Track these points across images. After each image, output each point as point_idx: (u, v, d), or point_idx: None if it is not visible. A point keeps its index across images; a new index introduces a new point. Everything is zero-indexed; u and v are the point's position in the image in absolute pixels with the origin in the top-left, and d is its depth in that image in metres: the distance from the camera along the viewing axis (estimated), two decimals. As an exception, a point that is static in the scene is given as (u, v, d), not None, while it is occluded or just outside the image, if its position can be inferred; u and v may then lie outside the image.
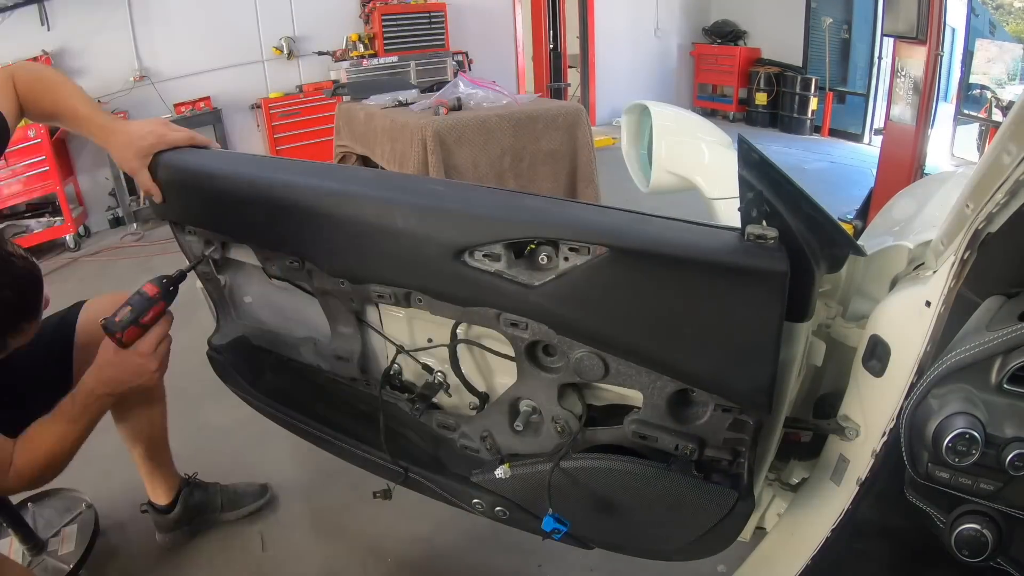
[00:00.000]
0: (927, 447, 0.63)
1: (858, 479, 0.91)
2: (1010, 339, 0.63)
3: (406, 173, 3.19)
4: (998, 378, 0.63)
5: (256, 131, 5.91)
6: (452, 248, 0.97)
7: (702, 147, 1.28)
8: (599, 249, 0.88)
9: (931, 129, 3.74)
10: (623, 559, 1.27)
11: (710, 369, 0.89)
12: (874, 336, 0.91)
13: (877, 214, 1.43)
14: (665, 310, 0.88)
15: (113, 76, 5.10)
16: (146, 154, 1.26)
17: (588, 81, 7.71)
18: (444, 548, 1.79)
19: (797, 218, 0.79)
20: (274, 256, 1.25)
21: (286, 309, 1.44)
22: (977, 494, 0.63)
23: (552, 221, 0.92)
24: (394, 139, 3.45)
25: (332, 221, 1.09)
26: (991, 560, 0.65)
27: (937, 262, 0.80)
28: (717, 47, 8.11)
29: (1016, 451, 0.59)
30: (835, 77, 7.13)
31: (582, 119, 3.48)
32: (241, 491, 1.95)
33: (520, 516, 1.20)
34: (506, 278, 0.95)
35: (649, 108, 1.33)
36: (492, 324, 1.04)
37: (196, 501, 1.85)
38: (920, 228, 1.06)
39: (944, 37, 3.70)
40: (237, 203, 1.20)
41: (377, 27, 5.98)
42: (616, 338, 0.94)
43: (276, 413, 1.45)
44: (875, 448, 0.87)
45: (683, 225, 0.87)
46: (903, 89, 3.67)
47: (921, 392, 0.66)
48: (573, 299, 0.93)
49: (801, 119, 7.26)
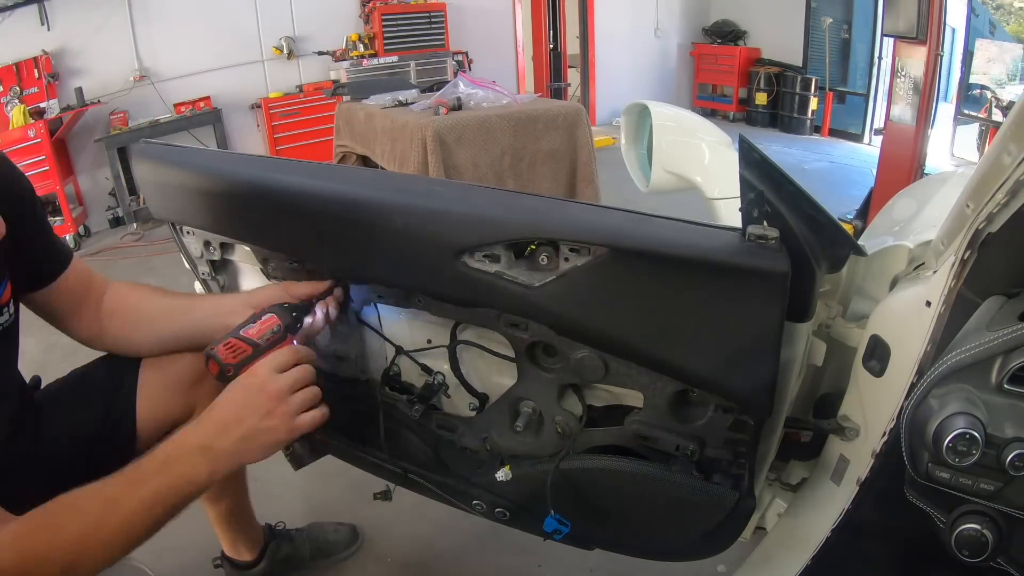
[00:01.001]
0: (927, 447, 0.63)
1: (858, 479, 0.91)
2: (1010, 339, 0.63)
3: (406, 173, 3.19)
4: (998, 378, 0.63)
5: (256, 131, 5.92)
6: (452, 249, 0.97)
7: (702, 147, 1.28)
8: (599, 249, 0.87)
9: (931, 129, 3.74)
10: (623, 559, 1.27)
11: (711, 369, 0.89)
12: (874, 336, 0.91)
13: (877, 214, 1.43)
14: (666, 310, 0.88)
15: (113, 76, 5.10)
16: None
17: (588, 81, 7.71)
18: (444, 549, 1.79)
19: (798, 218, 0.79)
20: (273, 257, 1.25)
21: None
22: (977, 494, 0.63)
23: (552, 221, 0.92)
24: (394, 139, 3.45)
25: (331, 221, 1.09)
26: (991, 560, 0.65)
27: (937, 262, 0.80)
28: (717, 47, 8.11)
29: (1016, 451, 0.59)
30: (835, 77, 7.13)
31: (582, 119, 3.49)
32: (331, 537, 1.77)
33: (521, 517, 1.20)
34: (506, 279, 0.95)
35: (649, 108, 1.33)
36: (492, 325, 1.04)
37: (284, 555, 1.66)
38: (920, 228, 1.06)
39: (944, 37, 3.71)
40: (236, 204, 1.20)
41: (377, 27, 5.98)
42: (617, 338, 0.94)
43: None
44: (875, 448, 0.87)
45: (684, 225, 0.87)
46: (903, 89, 3.67)
47: (921, 392, 0.66)
48: (573, 300, 0.93)
49: (801, 119, 7.26)
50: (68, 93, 4.87)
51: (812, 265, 0.82)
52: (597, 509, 1.12)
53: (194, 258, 1.40)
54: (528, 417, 1.10)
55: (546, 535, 1.12)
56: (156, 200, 1.34)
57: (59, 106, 4.79)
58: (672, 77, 8.41)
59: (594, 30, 7.58)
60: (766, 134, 7.28)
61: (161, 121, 5.17)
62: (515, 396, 1.12)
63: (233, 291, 1.47)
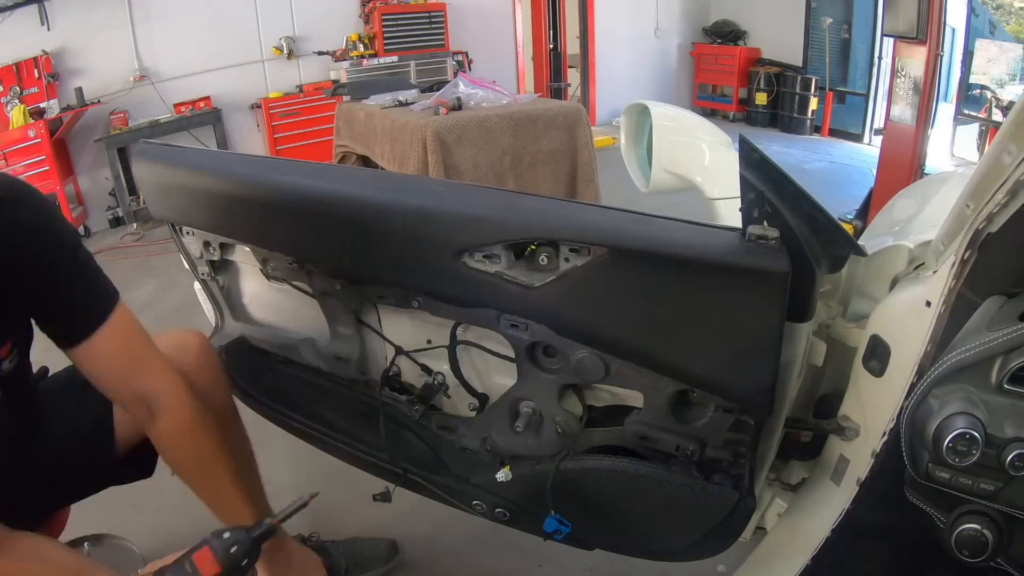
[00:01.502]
0: (927, 447, 0.63)
1: (858, 479, 0.91)
2: (1010, 339, 0.63)
3: (406, 173, 3.19)
4: (998, 378, 0.63)
5: (256, 131, 5.92)
6: (452, 249, 0.97)
7: (702, 147, 1.28)
8: (599, 250, 0.88)
9: (931, 129, 3.74)
10: (622, 559, 1.27)
11: (711, 369, 0.89)
12: (874, 336, 0.91)
13: (877, 214, 1.43)
14: (666, 310, 0.88)
15: (113, 76, 5.10)
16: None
17: (588, 81, 7.71)
18: (443, 548, 1.79)
19: (798, 218, 0.79)
20: (273, 257, 1.25)
21: (285, 310, 1.44)
22: (977, 494, 0.63)
23: (552, 222, 0.93)
24: (394, 139, 3.45)
25: (332, 222, 1.09)
26: (991, 560, 0.65)
27: (937, 262, 0.80)
28: (717, 47, 8.11)
29: (1016, 451, 0.59)
30: (835, 77, 7.13)
31: (582, 119, 3.49)
32: (368, 552, 1.68)
33: (521, 517, 1.20)
34: (506, 279, 0.95)
35: (649, 108, 1.33)
36: (492, 325, 1.04)
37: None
38: (920, 228, 1.06)
39: (944, 37, 3.71)
40: (236, 204, 1.20)
41: (377, 27, 5.98)
42: (617, 339, 0.94)
43: (275, 414, 1.45)
44: (875, 448, 0.87)
45: (684, 225, 0.87)
46: (903, 89, 3.67)
47: (922, 392, 0.66)
48: (574, 300, 0.93)
49: (801, 119, 7.26)
50: (68, 93, 4.87)
51: (812, 265, 0.82)
52: (598, 509, 1.12)
53: (194, 258, 1.40)
54: (528, 417, 1.10)
55: (547, 535, 1.12)
56: (156, 200, 1.34)
57: (59, 106, 4.79)
58: (672, 77, 8.41)
59: (594, 30, 7.58)
60: (766, 134, 7.28)
61: (161, 121, 5.17)
62: (515, 396, 1.12)
63: (231, 292, 1.46)
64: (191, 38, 5.40)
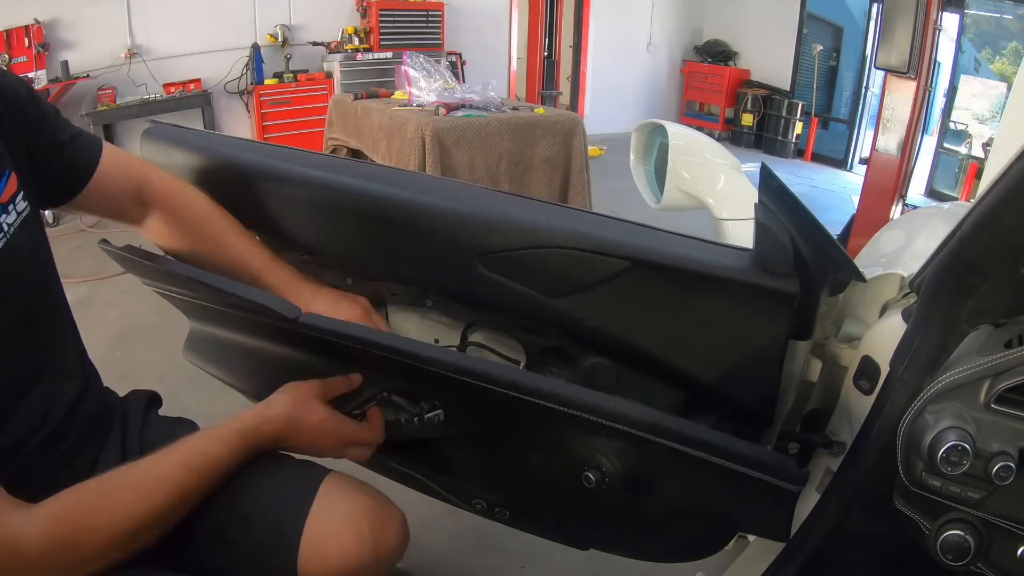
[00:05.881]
0: (923, 456, 0.69)
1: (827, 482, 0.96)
2: (997, 364, 0.70)
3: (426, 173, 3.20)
4: (986, 398, 0.69)
5: (245, 116, 5.87)
6: (476, 252, 0.99)
7: (714, 169, 1.34)
8: (622, 262, 0.92)
9: (915, 161, 3.88)
10: (605, 562, 1.29)
11: (718, 380, 0.94)
12: (866, 357, 0.96)
13: (865, 246, 1.49)
14: (682, 322, 0.93)
15: (104, 50, 5.03)
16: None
17: (579, 91, 7.78)
18: (427, 548, 1.79)
19: (808, 243, 0.84)
20: (284, 248, 1.24)
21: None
22: (964, 502, 0.70)
23: (583, 233, 0.95)
24: (391, 136, 3.46)
25: (353, 218, 1.09)
26: (971, 565, 0.71)
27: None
28: (707, 66, 8.24)
29: (1001, 463, 0.65)
30: (821, 103, 7.30)
31: (578, 128, 3.55)
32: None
33: (521, 517, 1.22)
34: (527, 285, 0.99)
35: (665, 128, 1.38)
36: (505, 328, 1.07)
37: None
38: (910, 258, 1.12)
39: (933, 73, 3.85)
40: (250, 193, 1.16)
41: (374, 21, 5.97)
42: (633, 347, 0.98)
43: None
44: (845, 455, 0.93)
45: (703, 244, 0.92)
46: (891, 121, 3.80)
47: (918, 408, 0.72)
48: (593, 309, 0.96)
49: (785, 142, 7.41)
50: (57, 65, 4.79)
51: (817, 288, 0.88)
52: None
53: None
54: None
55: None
56: None
57: (47, 77, 4.70)
58: (661, 92, 8.52)
59: (587, 40, 7.65)
60: (750, 154, 7.40)
61: (151, 100, 5.10)
62: None
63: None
64: (186, 18, 5.36)
